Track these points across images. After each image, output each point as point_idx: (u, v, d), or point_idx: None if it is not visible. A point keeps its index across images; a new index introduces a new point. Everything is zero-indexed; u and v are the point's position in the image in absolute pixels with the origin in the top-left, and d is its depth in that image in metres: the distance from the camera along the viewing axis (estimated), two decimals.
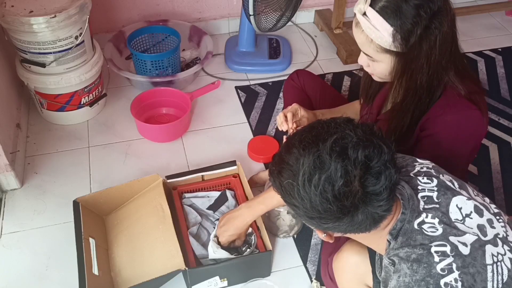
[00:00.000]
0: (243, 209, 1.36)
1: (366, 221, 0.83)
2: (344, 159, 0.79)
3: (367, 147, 0.81)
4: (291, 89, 1.78)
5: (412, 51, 1.10)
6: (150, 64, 2.02)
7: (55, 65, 1.74)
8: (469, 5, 2.60)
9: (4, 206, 1.64)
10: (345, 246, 1.17)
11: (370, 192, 0.80)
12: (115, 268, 1.43)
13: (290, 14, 2.04)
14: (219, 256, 1.39)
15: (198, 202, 1.59)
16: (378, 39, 1.09)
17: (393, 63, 1.14)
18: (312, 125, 0.88)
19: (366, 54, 1.17)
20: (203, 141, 1.90)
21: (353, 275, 1.15)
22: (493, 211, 0.96)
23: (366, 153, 0.80)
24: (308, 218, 0.85)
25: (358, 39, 1.16)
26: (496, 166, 1.82)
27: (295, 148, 0.84)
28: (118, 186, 1.55)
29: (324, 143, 0.81)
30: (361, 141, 0.81)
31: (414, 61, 1.11)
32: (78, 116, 1.94)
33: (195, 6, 2.35)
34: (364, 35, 1.12)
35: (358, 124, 0.86)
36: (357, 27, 1.14)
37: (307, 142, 0.83)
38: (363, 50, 1.17)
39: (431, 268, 0.84)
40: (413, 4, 1.06)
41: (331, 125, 0.85)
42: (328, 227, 0.86)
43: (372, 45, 1.12)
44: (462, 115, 1.17)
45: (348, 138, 0.81)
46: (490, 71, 2.26)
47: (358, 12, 1.11)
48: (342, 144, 0.80)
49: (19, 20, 1.59)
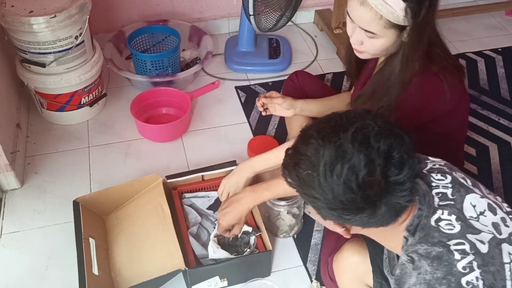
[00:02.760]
0: (247, 192, 1.35)
1: (387, 212, 0.82)
2: (367, 148, 0.78)
3: (389, 136, 0.80)
4: (291, 90, 1.79)
5: (421, 24, 1.12)
6: (150, 64, 2.02)
7: (55, 65, 1.74)
8: (469, 5, 2.60)
9: (4, 206, 1.65)
10: (346, 246, 1.17)
11: (393, 181, 0.79)
12: (115, 268, 1.43)
13: (290, 14, 2.04)
14: (219, 256, 1.39)
15: (198, 202, 1.59)
16: (389, 14, 1.11)
17: (395, 37, 1.16)
18: (328, 116, 0.87)
19: (368, 31, 1.17)
20: (203, 141, 1.90)
21: (353, 275, 1.15)
22: (506, 210, 0.95)
23: (388, 143, 0.79)
24: (329, 210, 0.83)
25: (363, 17, 1.15)
26: (496, 166, 1.82)
27: (312, 139, 0.82)
28: (118, 186, 1.55)
29: (345, 132, 0.80)
30: (383, 130, 0.80)
31: (423, 33, 1.14)
32: (78, 116, 1.94)
33: (195, 6, 2.35)
34: (373, 12, 1.12)
35: (377, 114, 0.85)
36: (363, 5, 1.13)
37: (326, 132, 0.81)
38: (366, 28, 1.17)
39: (452, 266, 0.83)
40: None
41: (350, 115, 0.84)
42: (349, 220, 0.84)
43: (381, 21, 1.13)
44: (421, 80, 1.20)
45: (369, 127, 0.80)
46: (490, 71, 2.26)
47: None
48: (364, 133, 0.79)
49: (19, 20, 1.59)
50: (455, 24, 2.53)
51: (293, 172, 0.86)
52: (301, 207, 1.53)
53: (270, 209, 1.50)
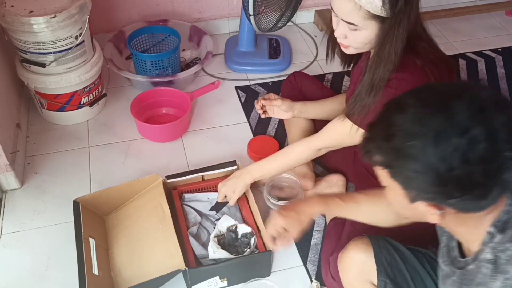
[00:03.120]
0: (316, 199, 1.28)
1: (497, 194, 0.75)
2: (487, 117, 0.72)
3: (506, 107, 0.73)
4: (289, 91, 1.79)
5: (399, 15, 1.13)
6: (150, 64, 2.02)
7: (55, 65, 1.74)
8: (469, 5, 2.60)
9: (4, 206, 1.65)
10: (350, 244, 1.16)
11: (510, 157, 0.72)
12: (115, 268, 1.43)
13: (290, 14, 2.04)
14: (219, 256, 1.39)
15: (199, 206, 1.58)
16: (368, 5, 1.12)
17: (377, 29, 1.18)
18: (429, 85, 0.81)
19: (349, 23, 1.19)
20: (203, 141, 1.90)
21: (358, 273, 1.15)
22: None
23: (507, 114, 0.73)
24: (433, 186, 0.75)
25: (343, 8, 1.18)
26: None
27: (412, 108, 0.76)
28: (118, 186, 1.55)
29: (458, 101, 0.73)
30: (498, 101, 0.74)
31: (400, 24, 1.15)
32: (78, 116, 1.94)
33: (195, 6, 2.35)
34: (352, 3, 1.14)
35: (485, 85, 0.82)
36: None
37: (431, 101, 0.75)
38: (347, 20, 1.19)
39: None
40: None
41: (455, 84, 0.79)
42: (454, 200, 0.76)
43: (361, 12, 1.15)
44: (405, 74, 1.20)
45: (484, 96, 0.74)
46: (490, 71, 2.26)
47: None
48: (480, 102, 0.73)
49: (19, 20, 1.59)
50: (455, 24, 2.53)
51: (386, 145, 0.78)
52: None
53: (270, 209, 1.50)
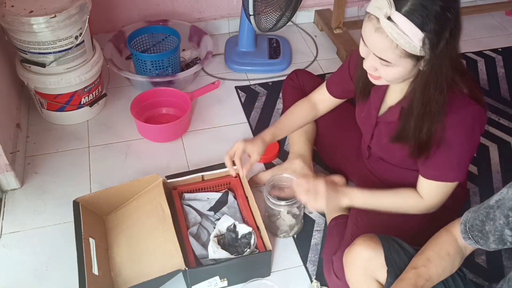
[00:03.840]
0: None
1: None
2: None
3: None
4: (290, 89, 1.77)
5: (441, 55, 1.06)
6: (150, 64, 2.02)
7: (55, 65, 1.74)
8: (469, 5, 2.60)
9: (4, 206, 1.65)
10: (358, 240, 1.16)
11: None
12: (115, 268, 1.43)
13: (290, 14, 2.04)
14: (219, 256, 1.39)
15: (198, 205, 1.59)
16: (406, 44, 1.04)
17: (412, 66, 1.11)
18: None
19: (382, 59, 1.10)
20: (203, 141, 1.90)
21: (364, 269, 1.15)
22: None
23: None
24: None
25: (378, 44, 1.08)
26: (496, 166, 1.82)
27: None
28: (118, 186, 1.55)
29: None
30: None
31: (441, 64, 1.09)
32: (78, 116, 1.94)
33: (195, 6, 2.35)
34: (389, 40, 1.05)
35: None
36: (378, 32, 1.06)
37: None
38: (380, 56, 1.10)
39: None
40: (440, 6, 1.02)
41: None
42: None
43: (397, 51, 1.06)
44: (467, 113, 1.17)
45: None
46: (490, 71, 2.26)
47: (383, 16, 1.03)
48: None
49: (19, 20, 1.59)
50: None
51: None
52: (301, 207, 1.53)
53: (270, 209, 1.50)
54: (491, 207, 0.95)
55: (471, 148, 1.23)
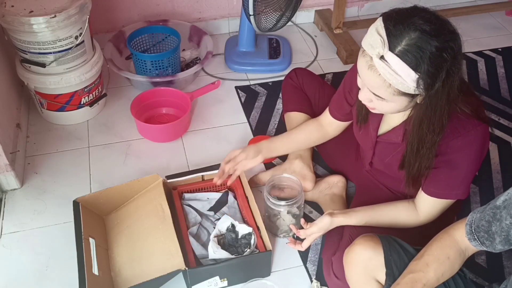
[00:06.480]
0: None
1: None
2: None
3: None
4: (290, 89, 1.77)
5: (436, 95, 1.04)
6: (150, 64, 2.02)
7: (55, 65, 1.74)
8: (469, 5, 2.60)
9: (4, 206, 1.65)
10: (358, 240, 1.16)
11: None
12: (115, 268, 1.43)
13: (290, 14, 2.04)
14: (219, 256, 1.39)
15: (198, 205, 1.59)
16: (399, 84, 1.01)
17: (408, 102, 1.08)
18: None
19: (376, 94, 1.08)
20: (203, 141, 1.90)
21: (364, 268, 1.15)
22: None
23: None
24: None
25: (371, 82, 1.06)
26: (496, 166, 1.82)
27: None
28: (118, 186, 1.55)
29: None
30: None
31: (436, 105, 1.06)
32: (78, 116, 1.94)
33: (195, 6, 2.35)
34: (381, 79, 1.03)
35: None
36: (371, 70, 1.04)
37: None
38: (374, 92, 1.08)
39: None
40: (435, 47, 0.98)
41: None
42: None
43: (390, 89, 1.04)
44: (477, 135, 1.15)
45: None
46: (490, 71, 2.26)
47: (375, 56, 1.01)
48: None
49: (19, 20, 1.59)
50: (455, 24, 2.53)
51: None
52: (301, 207, 1.53)
53: (270, 209, 1.50)
54: (498, 208, 0.95)
55: (478, 166, 1.23)
